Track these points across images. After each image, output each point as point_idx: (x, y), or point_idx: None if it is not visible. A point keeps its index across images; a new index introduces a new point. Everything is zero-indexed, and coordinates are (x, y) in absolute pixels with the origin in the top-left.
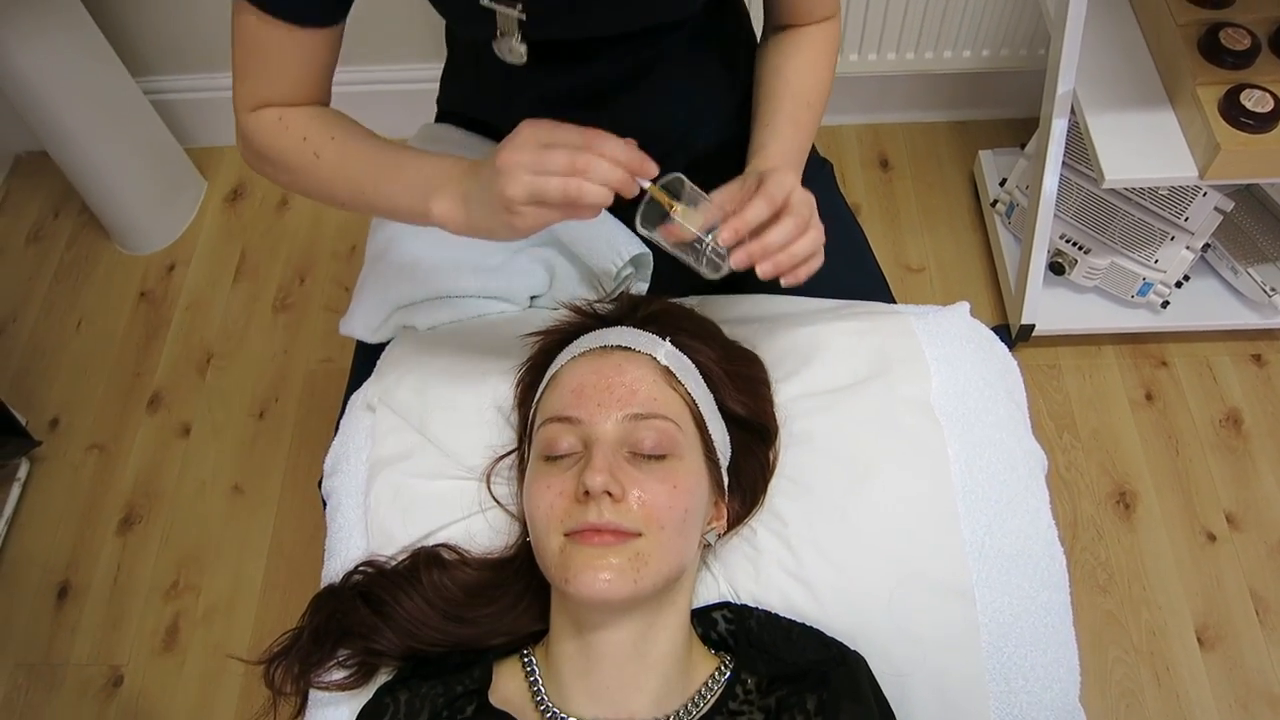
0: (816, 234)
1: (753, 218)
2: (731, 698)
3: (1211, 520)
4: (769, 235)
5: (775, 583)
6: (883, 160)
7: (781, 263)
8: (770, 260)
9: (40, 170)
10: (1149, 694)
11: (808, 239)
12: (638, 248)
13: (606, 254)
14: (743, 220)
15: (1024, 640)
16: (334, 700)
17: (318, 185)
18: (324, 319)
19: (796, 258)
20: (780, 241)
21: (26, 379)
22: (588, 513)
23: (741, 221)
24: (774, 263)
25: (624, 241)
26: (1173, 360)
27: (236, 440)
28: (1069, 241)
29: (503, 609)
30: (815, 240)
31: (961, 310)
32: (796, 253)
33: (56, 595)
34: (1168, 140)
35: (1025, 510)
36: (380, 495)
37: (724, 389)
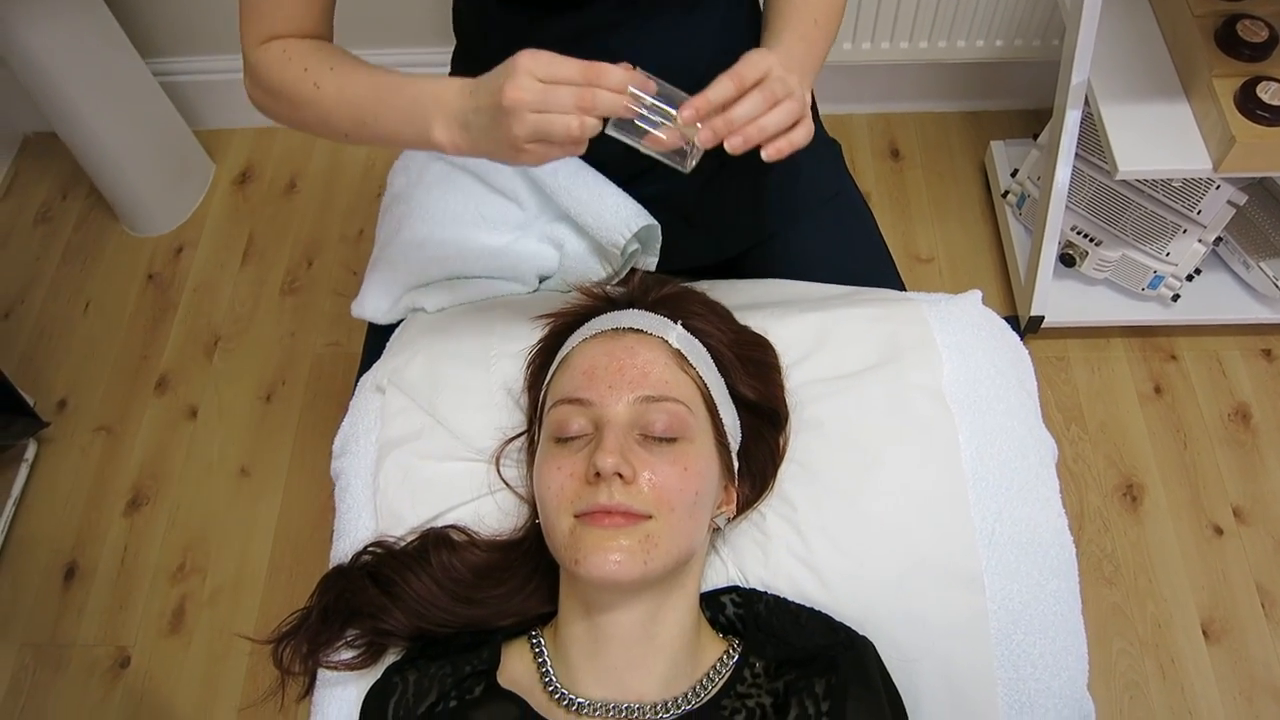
0: (793, 106)
1: (715, 96)
2: (739, 681)
3: (1219, 514)
4: (735, 108)
5: (784, 568)
6: (893, 150)
7: (750, 135)
8: (740, 134)
9: (48, 151)
10: (1153, 686)
11: (780, 110)
12: (645, 219)
13: (615, 226)
14: (703, 98)
15: (1033, 628)
16: (342, 680)
17: (322, 118)
18: (332, 302)
19: (766, 130)
20: (747, 115)
21: (34, 360)
22: (598, 494)
23: (703, 100)
24: (743, 135)
25: (632, 215)
26: (1182, 354)
27: (244, 423)
28: (1080, 233)
29: (511, 590)
30: (789, 111)
31: (974, 298)
32: (766, 125)
33: (64, 576)
34: (1182, 132)
35: (1036, 498)
36: (389, 476)
37: (735, 373)
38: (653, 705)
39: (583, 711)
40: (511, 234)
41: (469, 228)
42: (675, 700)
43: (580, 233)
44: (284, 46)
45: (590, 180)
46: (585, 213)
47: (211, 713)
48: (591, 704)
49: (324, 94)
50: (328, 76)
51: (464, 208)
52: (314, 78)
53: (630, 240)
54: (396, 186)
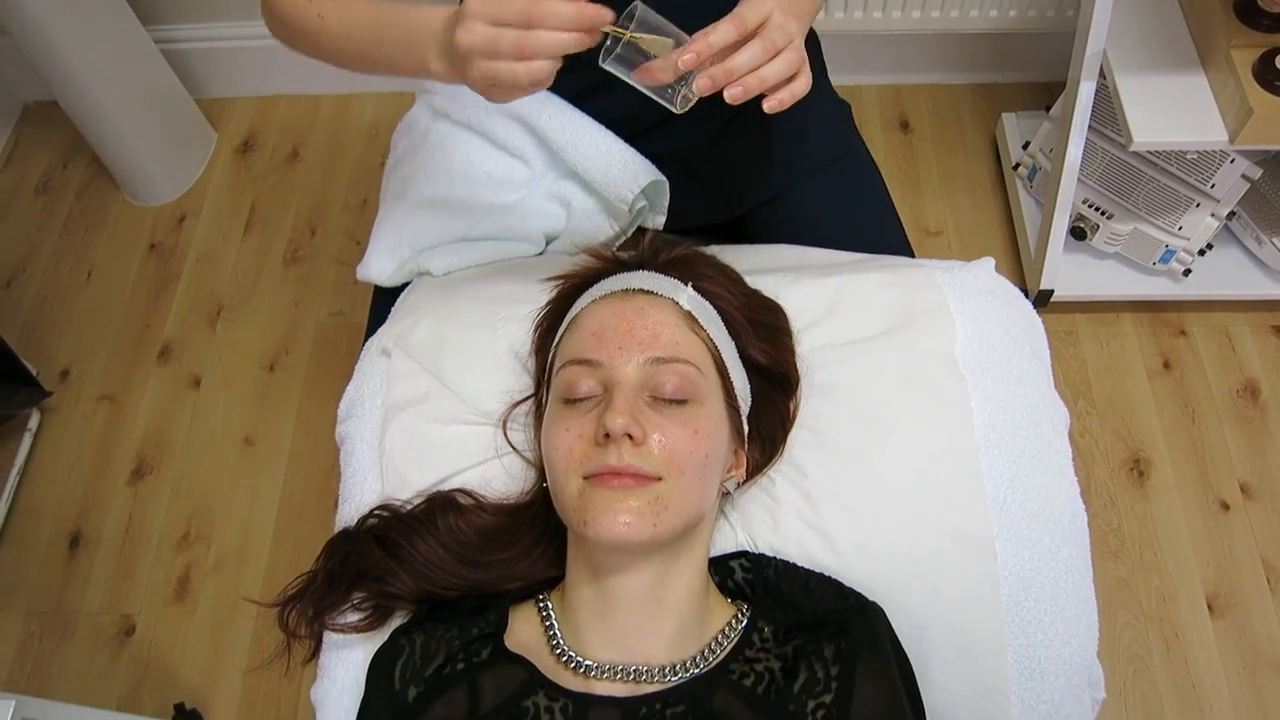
0: (792, 56)
1: (716, 40)
2: (748, 645)
3: (1225, 489)
4: (735, 57)
5: (793, 533)
6: (903, 122)
7: (751, 85)
8: (740, 84)
9: (49, 120)
10: (1157, 659)
11: (780, 61)
12: (652, 175)
13: (623, 182)
14: (705, 42)
15: (1044, 595)
16: (348, 643)
17: (331, 48)
18: (335, 272)
19: (767, 81)
20: (747, 64)
21: (36, 330)
22: (607, 455)
23: (704, 43)
24: (743, 86)
25: (639, 170)
26: (1191, 329)
27: (247, 392)
28: (1092, 206)
29: (518, 554)
30: (789, 62)
31: (987, 265)
32: (767, 76)
33: (68, 545)
34: (1198, 103)
35: (1048, 466)
36: (395, 440)
37: (746, 336)
38: (660, 668)
39: (590, 674)
40: (518, 192)
41: (475, 187)
42: (683, 663)
43: (588, 190)
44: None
45: (597, 136)
46: (593, 169)
47: (217, 680)
48: (599, 667)
49: (327, 25)
50: (330, 7)
51: (469, 167)
52: (318, 8)
53: (638, 196)
54: (400, 148)
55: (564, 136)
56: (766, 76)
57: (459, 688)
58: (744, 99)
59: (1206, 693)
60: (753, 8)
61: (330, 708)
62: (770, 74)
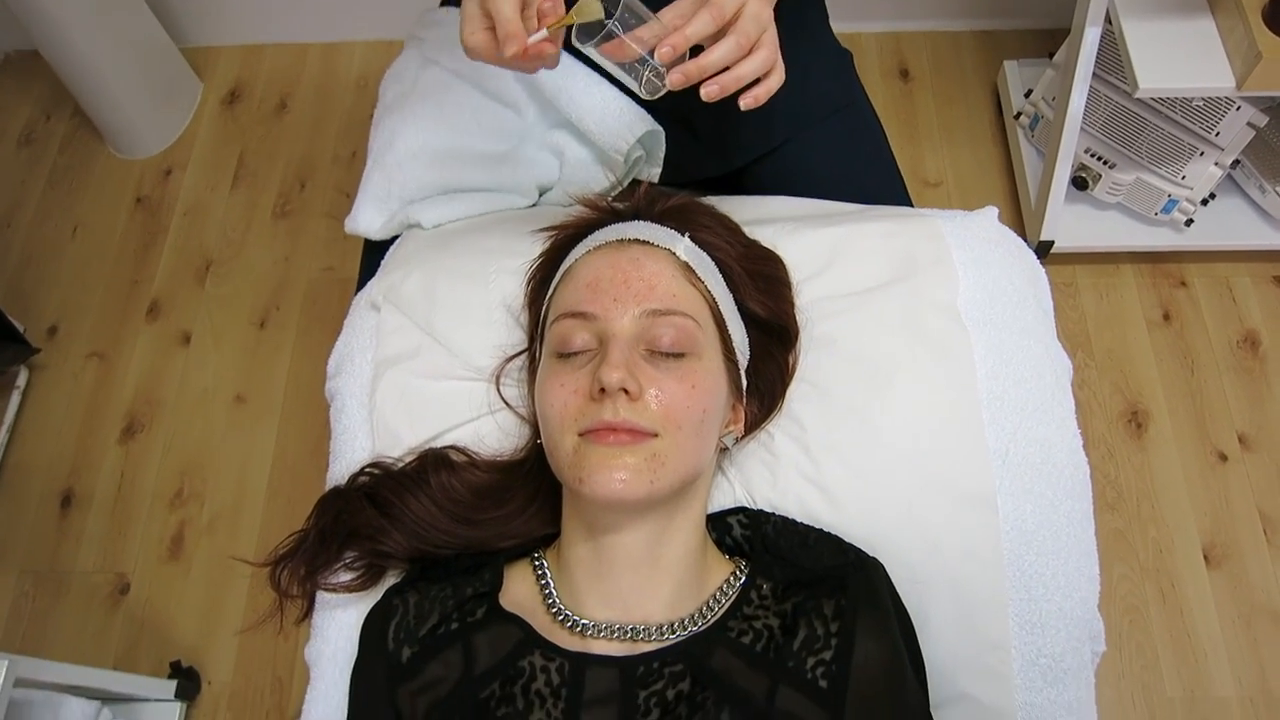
0: (766, 54)
1: (693, 33)
2: (746, 602)
3: (1223, 440)
4: (709, 55)
5: (793, 488)
6: (903, 70)
7: (726, 83)
8: (715, 82)
9: (30, 70)
10: (1153, 609)
11: (755, 59)
12: (648, 124)
13: (618, 132)
14: (682, 36)
15: (1045, 549)
16: (341, 603)
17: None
18: (325, 226)
19: (742, 80)
20: (720, 61)
21: (22, 286)
22: (603, 410)
23: (680, 37)
24: (719, 84)
25: (635, 120)
26: (1192, 280)
27: (238, 349)
28: (1094, 156)
29: (512, 512)
30: (764, 60)
31: (990, 215)
32: (742, 74)
33: (60, 503)
34: (1205, 49)
35: (1052, 418)
36: (386, 396)
37: (744, 288)
38: (658, 626)
39: (587, 633)
40: (510, 142)
41: (466, 136)
42: (681, 622)
43: (582, 140)
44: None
45: (592, 85)
46: (587, 118)
47: (212, 638)
48: (596, 625)
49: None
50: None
51: (460, 116)
52: None
53: (634, 146)
54: (389, 96)
55: (557, 84)
56: (742, 75)
57: (454, 648)
58: (719, 97)
59: (1202, 642)
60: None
61: (324, 666)
62: (745, 72)
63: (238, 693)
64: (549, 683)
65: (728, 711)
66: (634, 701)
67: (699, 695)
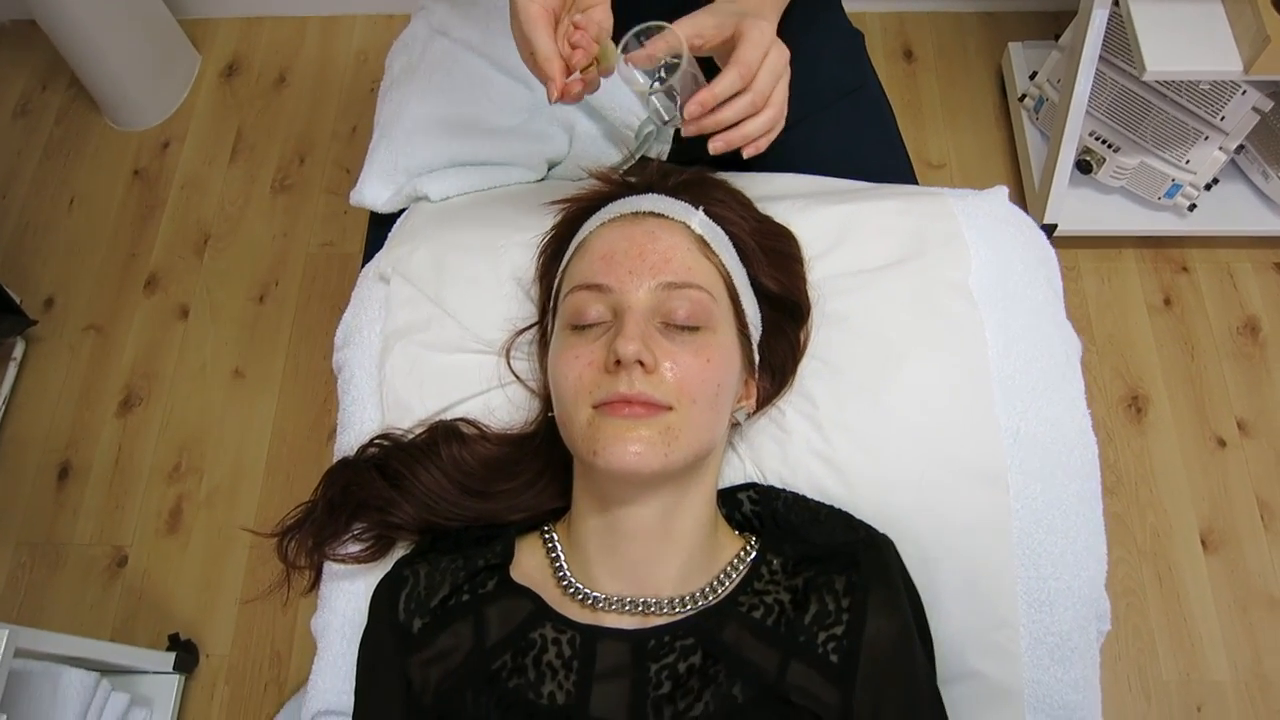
0: (774, 113)
1: (722, 91)
2: (757, 578)
3: (1223, 426)
4: (723, 111)
5: (803, 464)
6: (907, 51)
7: (732, 140)
8: (722, 139)
9: (27, 40)
10: (1150, 593)
11: (763, 118)
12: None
13: (629, 107)
14: (711, 94)
15: (1055, 528)
16: (349, 574)
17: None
18: (325, 201)
19: (748, 136)
20: (733, 118)
21: (19, 257)
22: (618, 383)
23: (710, 95)
24: (725, 140)
25: None
26: (1194, 265)
27: (236, 323)
28: (1098, 139)
29: (523, 485)
30: (771, 119)
31: (1000, 194)
32: (748, 132)
33: (57, 476)
34: (1214, 32)
35: (1062, 398)
36: (396, 367)
37: (757, 263)
38: (669, 600)
39: (598, 606)
40: (520, 116)
41: (474, 109)
42: (692, 595)
43: (592, 115)
44: None
45: None
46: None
47: (211, 611)
48: (607, 599)
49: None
50: None
51: (469, 88)
52: None
53: (646, 121)
54: (397, 67)
55: None
56: (748, 133)
57: (464, 619)
58: (725, 150)
59: (1198, 626)
60: (754, 46)
61: (331, 638)
62: (752, 129)
63: (236, 665)
64: (560, 655)
65: (739, 685)
66: (645, 674)
67: (711, 668)
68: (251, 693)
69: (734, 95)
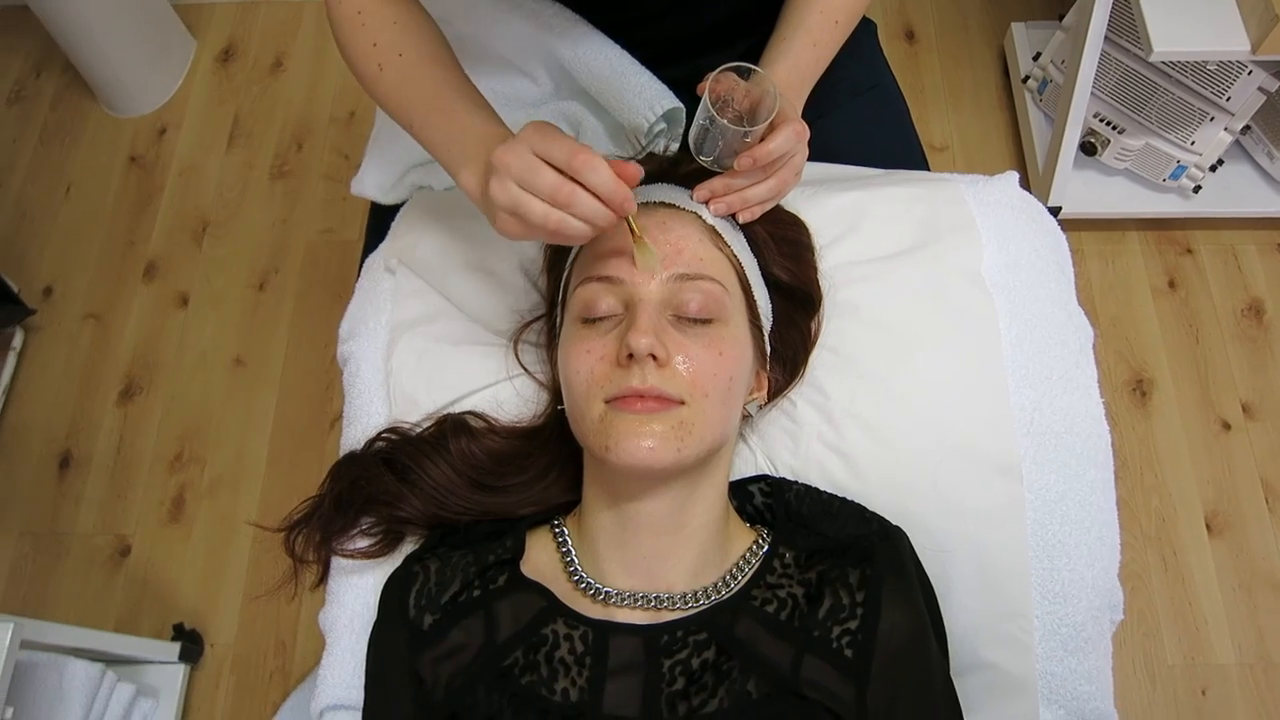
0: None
1: (776, 148)
2: (769, 571)
3: (1227, 409)
4: (752, 190)
5: (814, 456)
6: (908, 32)
7: (756, 214)
8: (748, 211)
9: (19, 25)
10: (1155, 577)
11: (764, 187)
12: (671, 102)
13: (639, 108)
14: (764, 150)
15: (1069, 518)
16: (358, 568)
17: (379, 97)
18: (324, 188)
19: (768, 208)
20: (757, 198)
21: (16, 246)
22: (630, 377)
23: (763, 151)
24: (750, 213)
25: (657, 95)
26: (1198, 247)
27: (236, 311)
28: (1103, 120)
29: (532, 478)
30: (773, 190)
31: (1011, 179)
32: (749, 197)
33: (58, 465)
34: (1220, 11)
35: (1075, 386)
36: (403, 360)
37: (768, 253)
38: (682, 595)
39: (610, 601)
40: (524, 111)
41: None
42: (705, 590)
43: (599, 112)
44: (359, 9)
45: (613, 58)
46: (607, 91)
47: (216, 600)
48: (619, 594)
49: (384, 80)
50: (394, 64)
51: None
52: (379, 58)
53: (657, 120)
54: None
55: (577, 54)
56: (749, 198)
57: (475, 615)
58: (725, 214)
59: (1202, 609)
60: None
61: (340, 633)
62: (753, 197)
63: (241, 655)
64: (573, 651)
65: (753, 680)
66: (659, 670)
67: (724, 664)
68: (257, 682)
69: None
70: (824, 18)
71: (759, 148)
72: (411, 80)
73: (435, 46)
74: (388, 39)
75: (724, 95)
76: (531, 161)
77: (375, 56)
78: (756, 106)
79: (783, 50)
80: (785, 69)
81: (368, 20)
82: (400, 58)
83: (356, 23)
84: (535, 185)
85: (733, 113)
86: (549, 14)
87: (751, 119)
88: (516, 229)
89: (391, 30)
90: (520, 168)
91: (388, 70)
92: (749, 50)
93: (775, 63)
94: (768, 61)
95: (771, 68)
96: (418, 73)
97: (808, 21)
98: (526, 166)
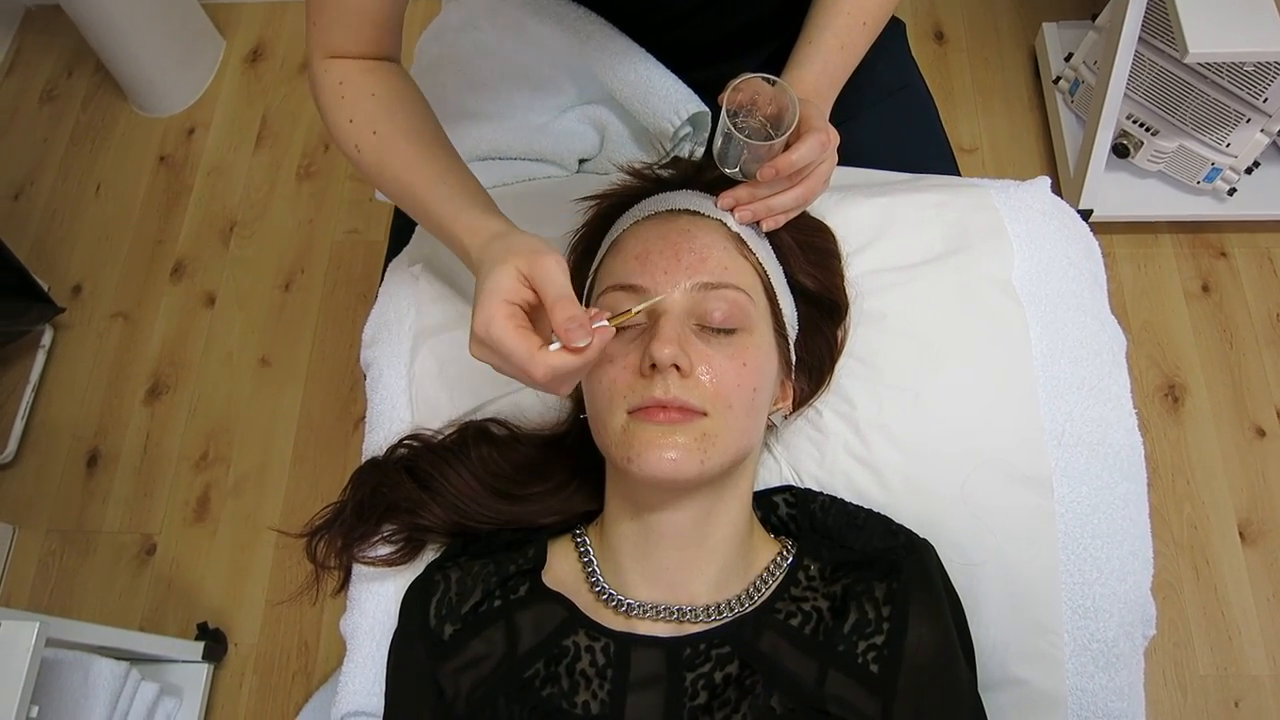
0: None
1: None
2: (794, 584)
3: (1262, 416)
4: (778, 199)
5: (841, 467)
6: (938, 32)
7: (780, 221)
8: (772, 220)
9: (52, 25)
10: (1187, 587)
11: (789, 196)
12: (696, 106)
13: (664, 112)
14: (787, 160)
15: (1100, 532)
16: (379, 575)
17: (363, 172)
18: (350, 188)
19: (792, 216)
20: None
21: (46, 245)
22: (653, 387)
23: (785, 161)
24: (774, 221)
25: (683, 99)
26: (1232, 251)
27: (263, 311)
28: (1136, 122)
29: (554, 487)
30: (798, 199)
31: (1042, 185)
32: (774, 206)
33: (86, 463)
34: (1258, 10)
35: (1108, 397)
36: (425, 367)
37: (794, 260)
38: (705, 608)
39: (632, 613)
40: (549, 114)
41: (504, 104)
42: (728, 603)
43: (624, 116)
44: (341, 79)
45: (639, 61)
46: (633, 96)
47: (240, 599)
48: (641, 606)
49: (364, 158)
50: (369, 142)
51: (499, 83)
52: (356, 138)
53: (683, 124)
54: (427, 56)
55: (602, 58)
56: (774, 206)
57: (496, 626)
58: (750, 221)
59: (1236, 620)
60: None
61: (361, 639)
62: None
63: (264, 655)
64: (594, 663)
65: (777, 696)
66: (681, 684)
67: (747, 679)
68: (280, 682)
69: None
70: (851, 19)
71: (781, 158)
72: (388, 162)
73: (413, 121)
74: (363, 114)
75: (746, 104)
76: (496, 356)
77: (353, 135)
78: (781, 113)
79: (810, 53)
80: (813, 72)
81: (347, 92)
82: (374, 135)
83: (335, 97)
84: (503, 368)
85: (757, 120)
86: (574, 18)
87: (776, 125)
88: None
89: (365, 105)
90: (492, 360)
91: (365, 149)
92: (776, 53)
93: (802, 66)
94: (794, 65)
95: (798, 71)
96: (393, 154)
97: (835, 24)
98: (496, 361)
